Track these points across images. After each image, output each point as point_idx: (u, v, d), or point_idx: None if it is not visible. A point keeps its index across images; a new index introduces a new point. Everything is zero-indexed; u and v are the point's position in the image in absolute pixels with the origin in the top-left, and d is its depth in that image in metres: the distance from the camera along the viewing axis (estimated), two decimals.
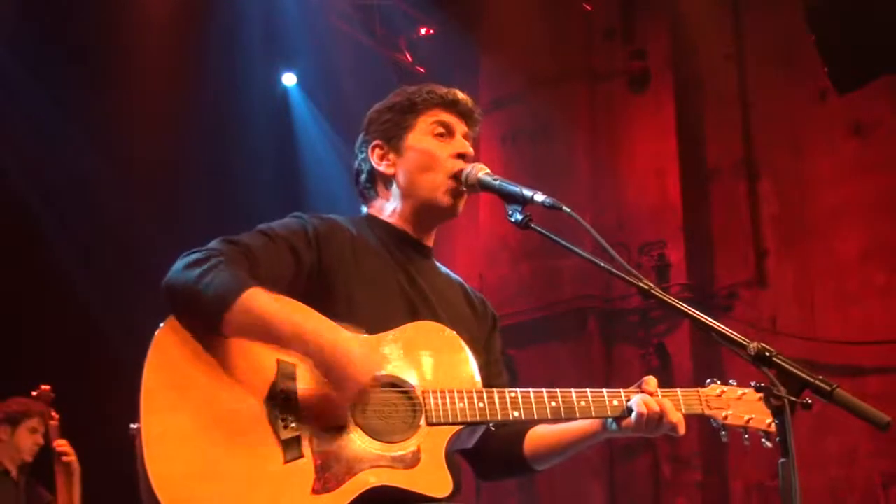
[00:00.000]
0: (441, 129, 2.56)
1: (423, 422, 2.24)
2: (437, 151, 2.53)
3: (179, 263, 2.22)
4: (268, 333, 2.15)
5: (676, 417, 2.36)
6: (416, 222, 2.57)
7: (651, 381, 2.40)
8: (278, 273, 2.28)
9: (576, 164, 9.12)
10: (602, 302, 8.78)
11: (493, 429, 2.48)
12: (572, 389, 2.37)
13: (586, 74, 9.36)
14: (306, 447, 2.13)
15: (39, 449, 5.04)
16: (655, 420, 2.33)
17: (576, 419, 2.40)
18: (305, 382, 2.19)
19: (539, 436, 2.52)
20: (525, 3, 9.08)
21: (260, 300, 2.14)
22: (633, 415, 2.33)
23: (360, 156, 2.64)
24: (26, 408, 5.00)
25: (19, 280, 6.59)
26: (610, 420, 2.38)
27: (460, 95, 2.61)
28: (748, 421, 2.43)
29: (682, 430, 2.36)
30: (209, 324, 2.15)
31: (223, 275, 2.16)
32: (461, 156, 2.53)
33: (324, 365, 2.14)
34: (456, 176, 2.51)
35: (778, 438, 1.90)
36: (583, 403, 2.35)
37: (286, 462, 2.11)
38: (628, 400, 2.36)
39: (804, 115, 8.29)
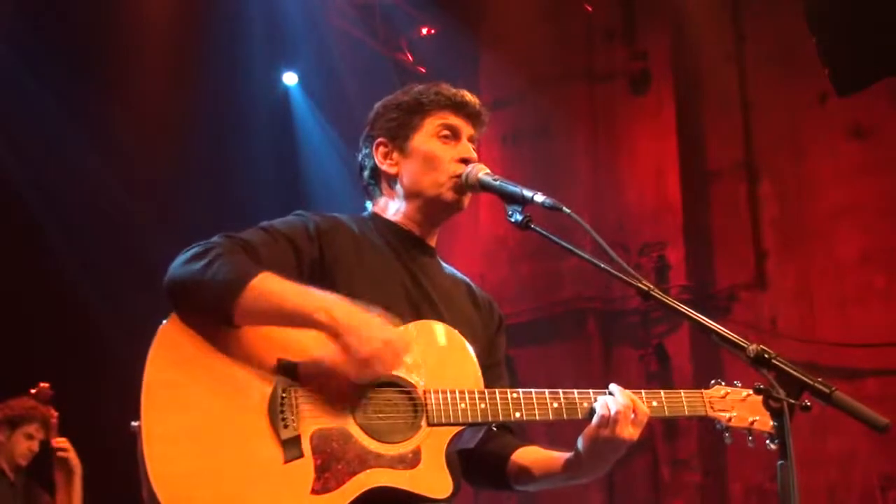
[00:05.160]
0: (447, 132, 2.54)
1: (424, 422, 2.23)
2: (440, 154, 2.52)
3: (180, 258, 2.22)
4: (281, 312, 2.15)
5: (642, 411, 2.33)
6: (420, 221, 2.55)
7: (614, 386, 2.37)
8: (279, 269, 2.27)
9: (576, 165, 9.13)
10: (602, 303, 8.78)
11: (494, 429, 2.47)
12: (575, 390, 2.37)
13: (587, 75, 9.36)
14: (306, 447, 2.13)
15: (39, 451, 5.01)
16: (626, 415, 2.29)
17: (578, 420, 2.38)
18: (307, 381, 2.19)
19: (526, 459, 2.49)
20: (526, 3, 9.09)
21: (271, 281, 2.15)
22: (596, 416, 2.30)
23: (364, 151, 2.63)
24: (28, 412, 4.97)
25: (19, 279, 6.58)
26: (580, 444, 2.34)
27: (468, 97, 2.59)
28: (752, 423, 2.41)
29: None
30: (219, 312, 2.14)
31: (229, 263, 2.16)
32: (465, 160, 2.52)
33: (340, 329, 2.12)
34: (458, 177, 2.50)
35: (777, 440, 1.90)
36: (585, 404, 2.34)
37: (286, 462, 2.11)
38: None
39: (804, 117, 8.30)
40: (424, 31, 9.60)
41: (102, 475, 4.82)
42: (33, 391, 4.96)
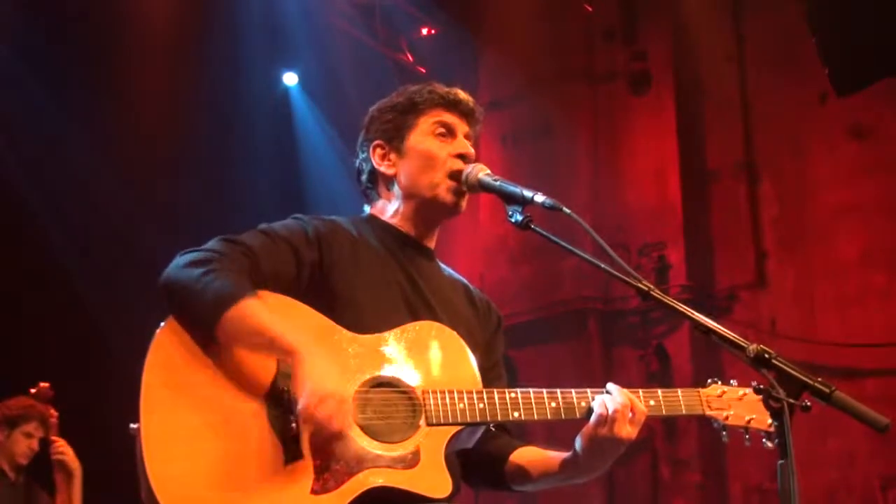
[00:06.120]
0: (442, 130, 2.55)
1: (422, 422, 2.23)
2: (437, 152, 2.52)
3: (179, 261, 2.22)
4: (253, 341, 2.15)
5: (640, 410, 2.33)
6: (418, 222, 2.56)
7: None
8: (279, 272, 2.28)
9: (576, 165, 9.13)
10: (602, 303, 8.79)
11: (493, 429, 2.48)
12: (573, 389, 2.37)
13: (587, 75, 9.37)
14: (306, 447, 2.13)
15: (40, 450, 5.01)
16: (623, 413, 2.29)
17: (576, 419, 2.38)
18: None
19: (524, 459, 2.49)
20: (526, 3, 9.09)
21: (255, 309, 2.14)
22: (594, 414, 2.30)
23: (361, 155, 2.62)
24: (25, 411, 4.97)
25: (19, 279, 6.59)
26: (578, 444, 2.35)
27: (462, 95, 2.59)
28: (749, 421, 2.41)
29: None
30: (203, 326, 2.15)
31: (223, 281, 2.15)
32: (462, 157, 2.52)
33: (298, 374, 2.11)
34: (456, 175, 2.50)
35: (777, 440, 1.90)
36: (583, 404, 2.35)
37: (286, 462, 2.11)
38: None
39: (804, 117, 8.30)
40: (424, 31, 9.60)
41: (102, 475, 4.81)
42: (33, 391, 4.96)
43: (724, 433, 2.44)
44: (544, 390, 2.35)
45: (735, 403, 2.44)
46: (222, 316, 2.12)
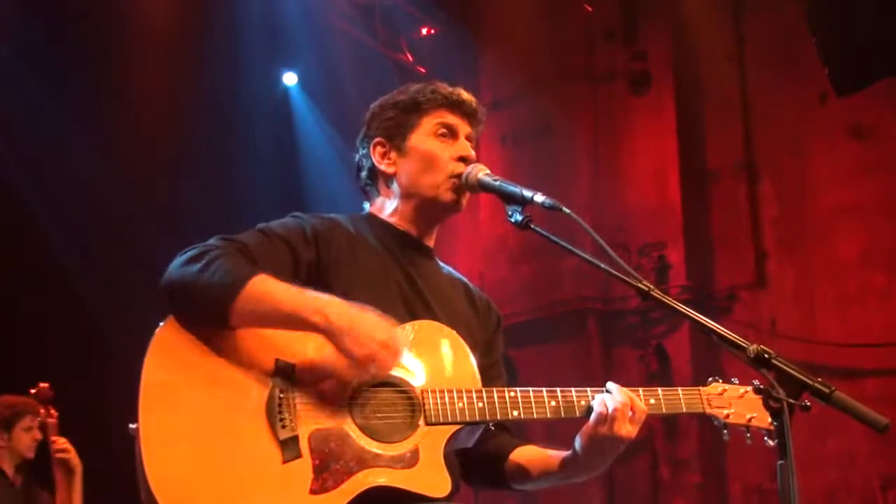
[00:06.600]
0: (444, 131, 2.54)
1: (421, 421, 2.23)
2: (439, 153, 2.51)
3: (178, 260, 2.22)
4: (277, 315, 2.14)
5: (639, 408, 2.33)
6: (417, 221, 2.55)
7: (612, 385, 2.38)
8: (276, 271, 2.27)
9: (576, 165, 9.14)
10: (602, 303, 8.79)
11: (492, 428, 2.48)
12: (572, 388, 2.37)
13: (587, 75, 9.37)
14: (304, 447, 2.12)
15: (40, 446, 5.02)
16: (623, 413, 2.29)
17: (576, 418, 2.38)
18: (304, 382, 2.19)
19: (524, 458, 2.49)
20: (526, 3, 9.10)
21: (269, 283, 2.15)
22: (594, 413, 2.30)
23: (362, 152, 2.62)
24: (16, 408, 4.98)
25: (19, 279, 6.59)
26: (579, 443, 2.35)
27: (465, 96, 2.58)
28: (750, 420, 2.41)
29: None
30: (216, 314, 2.14)
31: (226, 265, 2.16)
32: (463, 159, 2.51)
33: (336, 331, 2.12)
34: (457, 176, 2.50)
35: (777, 441, 1.90)
36: (583, 403, 2.35)
37: (284, 462, 2.11)
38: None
39: (804, 117, 8.31)
40: (424, 31, 9.61)
41: (102, 475, 4.81)
42: (33, 391, 4.97)
43: (725, 432, 2.44)
44: (544, 389, 2.35)
45: (736, 402, 2.44)
46: (237, 297, 2.11)
